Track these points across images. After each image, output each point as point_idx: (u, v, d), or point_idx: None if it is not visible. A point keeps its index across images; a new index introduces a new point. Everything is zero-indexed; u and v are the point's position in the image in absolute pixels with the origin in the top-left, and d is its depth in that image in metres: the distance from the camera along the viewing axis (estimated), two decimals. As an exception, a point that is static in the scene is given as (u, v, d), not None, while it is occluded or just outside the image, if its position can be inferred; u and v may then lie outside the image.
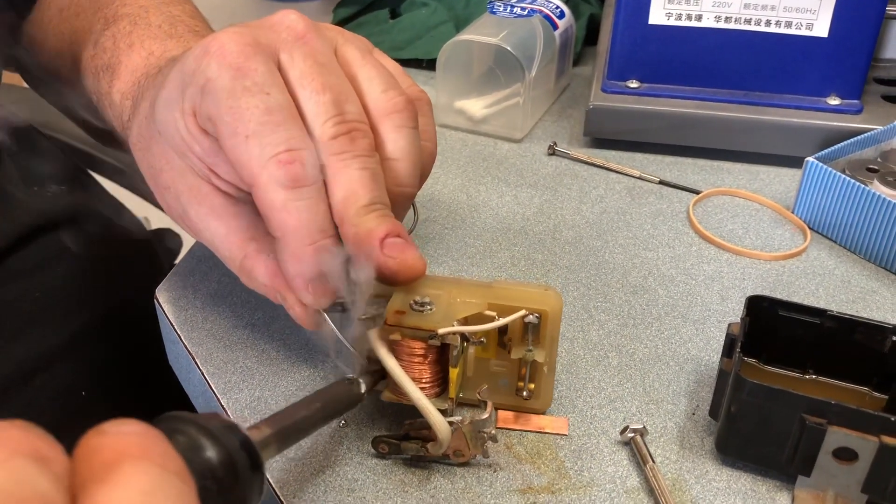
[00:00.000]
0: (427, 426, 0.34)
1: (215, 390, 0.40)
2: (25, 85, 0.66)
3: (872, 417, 0.32)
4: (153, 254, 0.68)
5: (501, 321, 0.35)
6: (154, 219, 0.73)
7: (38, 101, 0.89)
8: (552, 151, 0.60)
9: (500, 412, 0.38)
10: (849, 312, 0.37)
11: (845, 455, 0.33)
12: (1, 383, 0.48)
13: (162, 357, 0.48)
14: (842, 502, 0.34)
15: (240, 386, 0.40)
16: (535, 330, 0.35)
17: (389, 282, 0.34)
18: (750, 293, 0.39)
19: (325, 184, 0.33)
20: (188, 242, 0.81)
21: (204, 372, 0.41)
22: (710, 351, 0.42)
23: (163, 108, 0.35)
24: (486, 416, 0.34)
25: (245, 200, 0.35)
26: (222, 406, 0.39)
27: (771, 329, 0.38)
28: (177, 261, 0.79)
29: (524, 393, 0.37)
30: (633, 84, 0.60)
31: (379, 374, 0.35)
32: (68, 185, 0.58)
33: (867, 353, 0.37)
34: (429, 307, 0.34)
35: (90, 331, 0.54)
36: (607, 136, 0.61)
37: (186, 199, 0.36)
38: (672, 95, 0.59)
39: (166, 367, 0.48)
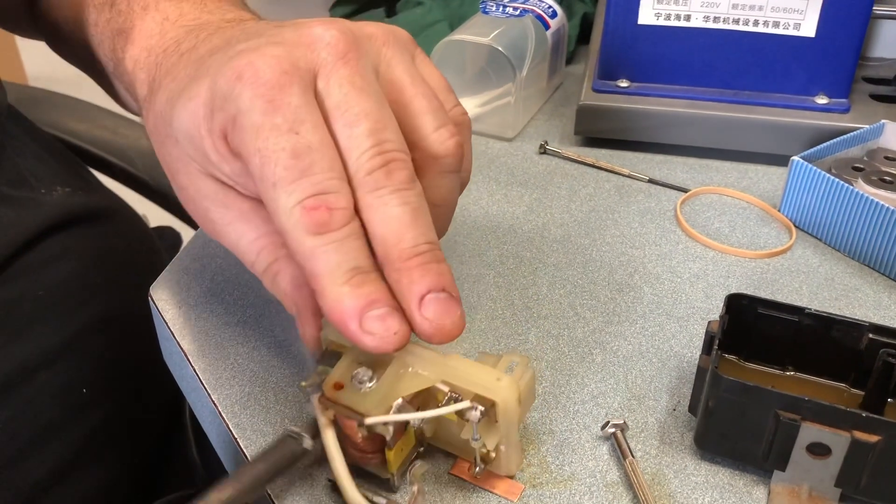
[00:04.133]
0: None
1: (206, 386, 0.41)
2: (31, 84, 0.66)
3: (844, 413, 0.33)
4: (155, 251, 0.69)
5: (435, 412, 0.33)
6: (152, 217, 0.74)
7: (44, 102, 0.90)
8: (543, 150, 0.61)
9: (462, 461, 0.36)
10: (831, 310, 0.38)
11: (819, 450, 0.34)
12: (3, 380, 0.49)
13: (160, 355, 0.49)
14: (816, 496, 0.35)
15: (230, 382, 0.41)
16: (485, 415, 0.33)
17: (419, 337, 0.32)
18: (734, 291, 0.39)
19: (362, 223, 0.32)
20: (188, 239, 0.82)
21: (196, 368, 0.42)
22: (692, 348, 0.43)
23: (185, 119, 0.34)
24: None
25: None
26: (213, 402, 0.40)
27: (751, 326, 0.39)
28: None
29: (476, 469, 0.35)
30: (624, 83, 0.61)
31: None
32: (73, 185, 0.59)
33: (844, 350, 0.38)
34: (368, 385, 0.33)
35: (92, 328, 0.55)
36: (597, 134, 0.61)
37: (210, 203, 0.35)
38: (662, 95, 0.60)
39: (164, 363, 0.49)
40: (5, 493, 0.47)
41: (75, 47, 0.54)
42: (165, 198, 0.84)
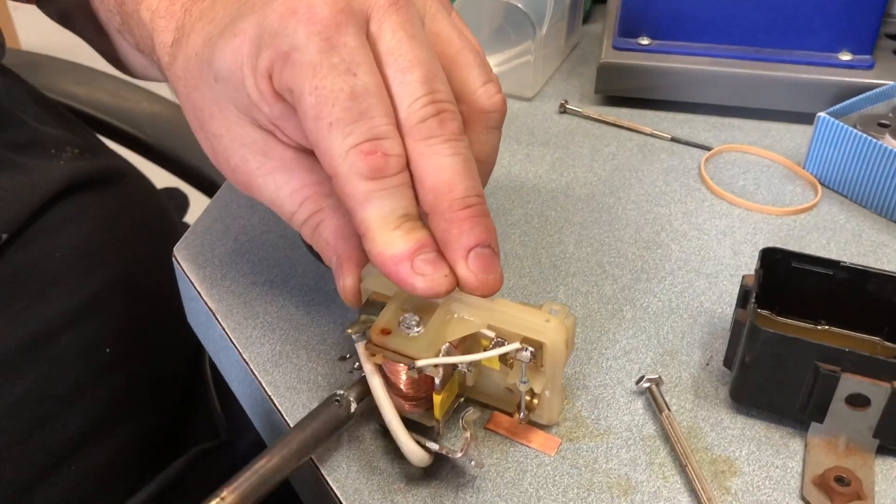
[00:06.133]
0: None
1: (237, 345, 0.41)
2: (35, 51, 0.64)
3: (885, 364, 0.33)
4: (165, 211, 0.68)
5: (485, 354, 0.33)
6: (157, 179, 0.74)
7: (42, 66, 0.88)
8: (563, 109, 0.60)
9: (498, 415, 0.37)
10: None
11: (858, 401, 0.34)
12: (29, 341, 0.49)
13: (180, 312, 0.49)
14: (853, 448, 0.35)
15: (261, 340, 0.41)
16: (534, 357, 0.33)
17: (462, 289, 0.32)
18: (762, 247, 0.39)
19: (410, 171, 0.31)
20: (194, 200, 0.81)
21: (225, 327, 0.42)
22: (722, 304, 0.43)
23: (228, 56, 0.32)
24: (458, 454, 0.33)
25: None
26: (244, 360, 0.40)
27: (784, 281, 0.39)
28: (185, 218, 0.79)
29: (521, 414, 0.35)
30: (645, 41, 0.60)
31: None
32: (81, 147, 0.58)
33: (879, 304, 0.38)
34: (416, 329, 0.33)
35: (112, 289, 0.55)
36: (618, 93, 0.61)
37: (248, 151, 0.34)
38: (683, 52, 0.59)
39: (185, 322, 0.49)
40: (38, 453, 0.47)
41: (69, 6, 0.53)
42: (168, 160, 0.83)
